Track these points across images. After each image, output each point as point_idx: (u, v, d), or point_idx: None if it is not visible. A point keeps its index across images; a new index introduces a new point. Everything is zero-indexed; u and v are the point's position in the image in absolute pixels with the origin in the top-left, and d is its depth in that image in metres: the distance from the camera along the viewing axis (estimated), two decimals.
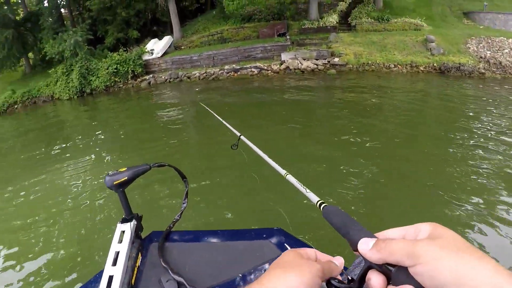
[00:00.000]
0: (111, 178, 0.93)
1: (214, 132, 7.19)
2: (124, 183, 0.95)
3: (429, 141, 5.84)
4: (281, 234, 0.99)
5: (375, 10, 17.16)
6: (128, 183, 0.96)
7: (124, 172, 0.95)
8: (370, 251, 0.37)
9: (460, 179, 4.15)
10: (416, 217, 3.38)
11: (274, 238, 0.97)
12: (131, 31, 18.99)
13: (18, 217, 4.65)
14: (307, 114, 8.19)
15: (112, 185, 0.93)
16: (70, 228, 4.04)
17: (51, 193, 5.21)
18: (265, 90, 12.06)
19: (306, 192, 0.69)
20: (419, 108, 8.26)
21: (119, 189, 0.96)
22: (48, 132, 11.33)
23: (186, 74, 15.65)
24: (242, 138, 1.40)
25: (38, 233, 4.09)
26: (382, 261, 0.36)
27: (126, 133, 8.92)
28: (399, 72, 13.68)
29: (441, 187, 3.92)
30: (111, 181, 0.93)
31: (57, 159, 7.17)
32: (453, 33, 15.69)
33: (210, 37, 17.48)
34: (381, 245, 0.37)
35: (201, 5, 23.40)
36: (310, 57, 14.38)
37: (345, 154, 5.25)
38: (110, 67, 16.85)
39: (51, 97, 18.71)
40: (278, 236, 0.98)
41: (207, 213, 3.85)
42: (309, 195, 0.66)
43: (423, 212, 3.47)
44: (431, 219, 0.42)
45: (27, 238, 4.03)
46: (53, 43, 18.67)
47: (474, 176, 4.24)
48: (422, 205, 3.66)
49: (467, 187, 3.96)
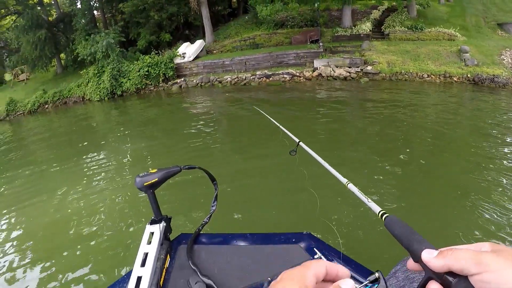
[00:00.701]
0: (141, 179, 0.93)
1: (245, 138, 7.12)
2: (155, 185, 0.95)
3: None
4: (310, 239, 0.99)
5: (408, 19, 16.98)
6: (159, 184, 0.96)
7: (154, 174, 0.95)
8: (435, 259, 0.38)
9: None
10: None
11: (303, 243, 0.96)
12: (163, 34, 19.29)
13: (49, 213, 4.71)
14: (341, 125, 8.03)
15: (142, 186, 0.93)
16: (99, 228, 4.02)
17: (81, 194, 5.23)
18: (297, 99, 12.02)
19: (368, 202, 0.68)
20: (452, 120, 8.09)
21: (149, 190, 0.96)
22: (77, 131, 11.56)
23: (218, 78, 15.76)
24: (301, 144, 1.39)
25: (68, 230, 4.08)
26: (446, 268, 0.37)
27: (156, 135, 8.92)
28: (432, 82, 13.48)
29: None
30: (141, 182, 0.93)
31: (85, 159, 7.19)
32: (487, 44, 15.41)
33: (242, 42, 17.60)
34: (447, 252, 0.37)
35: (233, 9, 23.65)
36: (343, 64, 14.30)
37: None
38: (141, 70, 17.09)
39: (82, 98, 19.15)
40: (307, 241, 0.97)
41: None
42: (371, 205, 0.65)
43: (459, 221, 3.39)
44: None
45: (56, 236, 4.04)
46: (85, 44, 19.12)
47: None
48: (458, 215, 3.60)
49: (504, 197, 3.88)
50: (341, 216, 3.52)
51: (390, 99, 10.28)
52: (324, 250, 0.93)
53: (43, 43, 21.69)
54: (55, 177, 6.50)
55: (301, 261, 0.84)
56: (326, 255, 0.90)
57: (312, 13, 17.03)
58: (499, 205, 3.59)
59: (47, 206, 4.98)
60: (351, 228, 3.32)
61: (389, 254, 2.67)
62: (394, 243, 0.48)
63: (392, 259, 1.55)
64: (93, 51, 18.20)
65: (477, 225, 3.27)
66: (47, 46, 21.97)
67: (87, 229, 4.03)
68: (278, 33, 17.50)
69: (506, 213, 3.41)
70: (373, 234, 3.17)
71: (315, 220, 3.24)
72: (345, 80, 13.92)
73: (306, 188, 3.47)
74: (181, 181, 4.69)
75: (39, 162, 8.09)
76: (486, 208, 3.49)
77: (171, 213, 1.06)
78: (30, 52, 21.66)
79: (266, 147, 5.95)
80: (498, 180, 4.23)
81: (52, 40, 22.57)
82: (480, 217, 3.40)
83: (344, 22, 16.39)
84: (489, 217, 3.37)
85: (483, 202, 3.60)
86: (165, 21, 18.92)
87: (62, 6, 25.69)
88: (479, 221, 3.31)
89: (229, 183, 4.66)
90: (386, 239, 0.73)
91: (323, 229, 3.10)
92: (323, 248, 0.94)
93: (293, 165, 3.97)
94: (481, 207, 3.52)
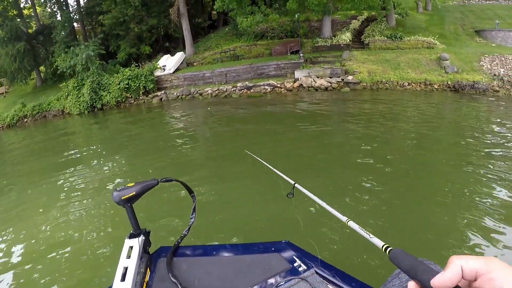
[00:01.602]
0: (119, 193, 0.93)
1: (220, 147, 6.91)
2: (132, 198, 0.95)
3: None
4: (289, 247, 0.99)
5: (388, 28, 17.16)
6: (136, 198, 0.96)
7: (132, 187, 0.95)
8: (446, 273, 0.39)
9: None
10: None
11: (282, 251, 0.97)
12: (143, 46, 19.07)
13: (21, 230, 4.56)
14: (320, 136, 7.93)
15: (120, 200, 0.93)
16: (76, 243, 3.91)
17: (56, 207, 5.11)
18: (278, 109, 11.91)
19: (370, 238, 0.67)
20: (435, 125, 8.14)
21: (127, 204, 0.96)
22: (55, 145, 11.27)
23: (198, 90, 15.57)
24: (297, 186, 1.35)
25: (42, 245, 3.98)
26: (459, 275, 0.38)
27: (136, 149, 8.75)
28: (413, 90, 13.56)
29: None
30: (118, 196, 0.93)
31: (64, 174, 7.05)
32: (466, 51, 15.63)
33: (222, 53, 17.49)
34: (452, 259, 0.40)
35: (213, 21, 23.57)
36: (324, 75, 14.29)
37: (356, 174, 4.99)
38: (121, 83, 16.81)
39: (62, 111, 18.73)
40: (286, 249, 0.98)
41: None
42: (373, 240, 0.65)
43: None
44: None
45: (33, 251, 3.93)
46: (65, 57, 18.76)
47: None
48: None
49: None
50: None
51: (371, 109, 10.26)
52: (303, 257, 0.94)
53: (22, 56, 21.21)
54: (32, 192, 6.33)
55: (281, 269, 0.90)
56: (305, 262, 0.92)
57: (292, 24, 17.06)
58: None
59: (23, 220, 4.87)
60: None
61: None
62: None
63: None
64: (73, 63, 17.87)
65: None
66: (26, 59, 21.48)
67: (63, 244, 3.91)
68: (258, 44, 17.46)
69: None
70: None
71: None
72: (326, 91, 13.88)
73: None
74: (159, 194, 4.57)
75: (17, 176, 7.96)
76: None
77: (150, 227, 1.06)
78: (9, 64, 21.17)
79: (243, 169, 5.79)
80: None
81: (31, 52, 22.10)
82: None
83: (324, 32, 16.44)
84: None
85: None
86: (145, 33, 18.72)
87: (42, 18, 25.27)
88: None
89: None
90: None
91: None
92: (302, 255, 0.96)
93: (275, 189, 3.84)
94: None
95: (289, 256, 0.95)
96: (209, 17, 23.24)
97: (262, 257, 0.97)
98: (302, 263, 0.91)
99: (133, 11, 18.93)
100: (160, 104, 15.88)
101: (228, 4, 15.08)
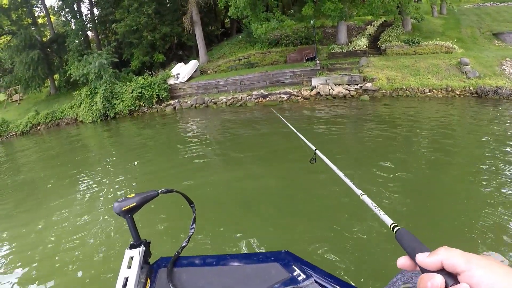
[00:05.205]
0: (119, 204, 0.94)
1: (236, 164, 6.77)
2: (132, 209, 0.96)
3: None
4: (288, 256, 1.01)
5: (404, 33, 16.82)
6: (137, 209, 0.97)
7: (132, 198, 0.96)
8: (428, 258, 0.43)
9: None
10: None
11: (281, 261, 0.98)
12: (157, 54, 19.05)
13: (28, 239, 4.62)
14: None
15: (120, 211, 0.94)
16: (79, 252, 3.92)
17: (63, 217, 5.16)
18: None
19: (380, 214, 0.68)
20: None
21: (127, 215, 0.96)
22: (66, 154, 11.26)
23: (212, 99, 15.42)
24: (317, 152, 1.43)
25: (46, 257, 3.98)
26: (439, 264, 0.41)
27: (149, 158, 8.59)
28: (435, 97, 13.19)
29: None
30: (119, 207, 0.94)
31: (72, 181, 7.07)
32: (486, 55, 15.22)
33: (236, 61, 17.33)
34: (439, 250, 0.43)
35: (226, 29, 23.50)
36: (342, 82, 14.01)
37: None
38: (134, 91, 16.79)
39: (75, 119, 18.87)
40: (285, 258, 0.99)
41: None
42: (383, 217, 0.66)
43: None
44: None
45: (34, 261, 3.93)
46: (78, 65, 18.90)
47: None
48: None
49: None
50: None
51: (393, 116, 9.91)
52: (302, 266, 0.95)
53: (36, 64, 21.46)
54: (45, 200, 6.36)
55: (281, 279, 0.91)
56: (305, 271, 0.93)
57: (307, 31, 16.83)
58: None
59: (31, 227, 4.94)
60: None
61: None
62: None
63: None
64: (86, 72, 17.95)
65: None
66: (40, 67, 21.73)
67: (69, 251, 3.96)
68: (272, 51, 17.25)
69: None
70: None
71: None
72: (344, 99, 13.60)
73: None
74: (160, 205, 4.49)
75: (29, 182, 8.03)
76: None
77: (150, 237, 1.07)
78: (23, 72, 21.46)
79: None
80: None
81: (45, 60, 22.35)
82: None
83: (339, 38, 16.18)
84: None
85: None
86: (158, 41, 18.69)
87: (56, 27, 25.55)
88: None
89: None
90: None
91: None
92: (301, 264, 0.97)
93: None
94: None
95: (288, 265, 0.96)
96: (222, 24, 23.14)
97: (261, 267, 0.98)
98: (302, 272, 0.93)
99: (146, 19, 18.98)
100: (174, 113, 15.77)
101: (242, 10, 14.93)
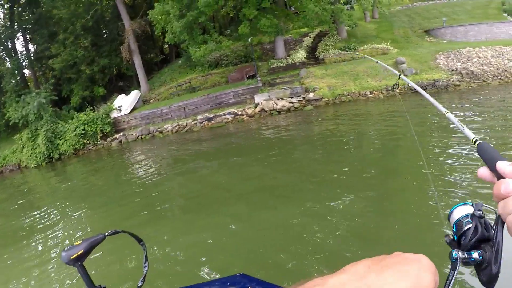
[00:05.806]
0: (67, 254, 0.91)
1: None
2: (81, 256, 0.92)
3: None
4: (244, 278, 0.99)
5: (340, 41, 17.33)
6: (85, 255, 0.94)
7: (79, 246, 0.93)
8: (509, 166, 0.44)
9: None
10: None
11: (238, 285, 0.95)
12: (97, 88, 18.23)
13: None
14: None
15: (69, 261, 0.91)
16: None
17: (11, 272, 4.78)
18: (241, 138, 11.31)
19: (463, 129, 0.72)
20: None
21: (77, 263, 0.93)
22: (12, 204, 10.12)
23: (158, 128, 14.80)
24: (402, 77, 1.66)
25: None
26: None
27: (99, 202, 7.97)
28: (376, 98, 13.47)
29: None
30: (67, 256, 0.91)
31: (19, 234, 6.53)
32: (420, 52, 15.94)
33: (178, 87, 16.94)
34: None
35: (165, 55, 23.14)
36: (284, 95, 13.97)
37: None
38: (77, 129, 15.81)
39: (18, 165, 17.30)
40: (242, 282, 0.97)
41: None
42: (466, 132, 0.69)
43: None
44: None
45: None
46: (16, 106, 17.57)
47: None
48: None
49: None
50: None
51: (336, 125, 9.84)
52: (258, 286, 0.92)
53: None
54: None
55: None
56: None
57: (245, 49, 16.88)
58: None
59: None
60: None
61: None
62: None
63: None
64: (25, 113, 16.71)
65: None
66: None
67: None
68: (213, 73, 17.07)
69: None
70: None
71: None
72: (289, 111, 13.53)
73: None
74: (110, 247, 4.29)
75: None
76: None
77: (105, 282, 0.99)
78: None
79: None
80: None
81: None
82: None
83: (278, 53, 16.33)
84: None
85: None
86: (97, 74, 17.95)
87: None
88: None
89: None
90: None
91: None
92: (258, 284, 0.93)
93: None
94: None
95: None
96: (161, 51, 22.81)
97: None
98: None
99: (83, 52, 18.28)
100: (120, 147, 14.96)
101: (179, 35, 14.67)
